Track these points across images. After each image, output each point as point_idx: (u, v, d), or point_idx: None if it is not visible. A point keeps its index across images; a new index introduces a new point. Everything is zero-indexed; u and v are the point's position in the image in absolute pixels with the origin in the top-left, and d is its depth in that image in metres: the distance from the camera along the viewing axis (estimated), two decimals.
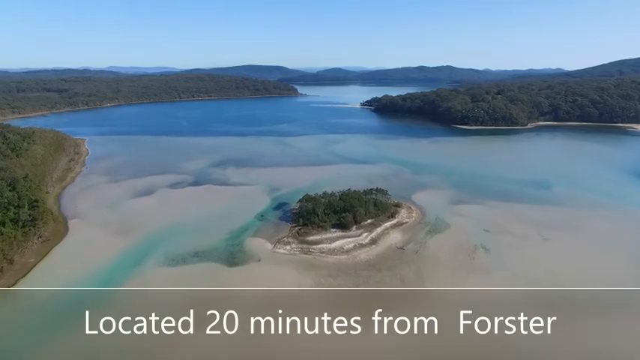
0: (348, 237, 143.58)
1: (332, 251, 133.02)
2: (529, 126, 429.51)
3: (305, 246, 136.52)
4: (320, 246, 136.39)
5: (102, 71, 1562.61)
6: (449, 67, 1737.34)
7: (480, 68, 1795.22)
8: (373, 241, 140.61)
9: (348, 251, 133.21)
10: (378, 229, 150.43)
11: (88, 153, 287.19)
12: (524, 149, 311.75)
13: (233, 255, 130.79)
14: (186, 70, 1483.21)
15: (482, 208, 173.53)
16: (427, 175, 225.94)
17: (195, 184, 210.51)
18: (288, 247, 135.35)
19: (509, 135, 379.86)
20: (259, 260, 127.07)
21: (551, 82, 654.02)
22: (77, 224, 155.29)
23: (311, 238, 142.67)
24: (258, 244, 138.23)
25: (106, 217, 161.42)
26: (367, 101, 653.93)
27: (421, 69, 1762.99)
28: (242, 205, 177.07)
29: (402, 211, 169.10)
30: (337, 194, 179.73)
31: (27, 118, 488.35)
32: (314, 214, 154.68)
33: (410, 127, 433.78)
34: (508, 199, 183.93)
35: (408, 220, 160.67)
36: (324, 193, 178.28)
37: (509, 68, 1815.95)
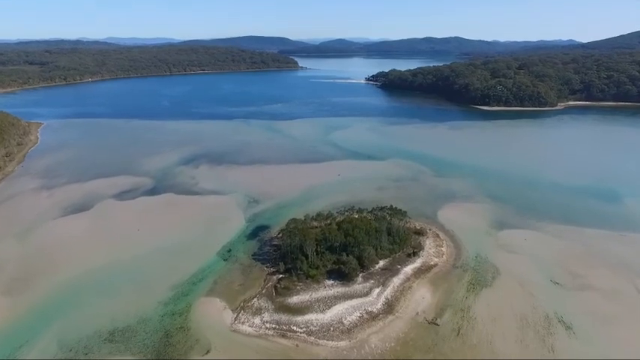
0: (351, 297, 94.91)
1: (325, 330, 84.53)
2: (559, 106, 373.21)
3: (284, 317, 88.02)
4: (307, 318, 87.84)
5: (97, 42, 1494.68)
6: (457, 39, 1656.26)
7: (489, 39, 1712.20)
8: (389, 306, 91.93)
9: (350, 329, 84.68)
10: (395, 280, 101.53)
11: (36, 143, 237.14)
12: (564, 139, 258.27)
13: (168, 337, 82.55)
14: (186, 41, 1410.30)
15: (540, 238, 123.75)
16: (454, 177, 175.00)
17: (152, 192, 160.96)
18: (257, 321, 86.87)
19: (538, 118, 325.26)
20: (207, 352, 78.84)
21: (574, 55, 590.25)
22: None
23: (295, 299, 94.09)
24: (211, 313, 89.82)
25: (5, 256, 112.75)
26: (373, 76, 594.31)
27: (428, 40, 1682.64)
28: (205, 229, 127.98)
29: (427, 242, 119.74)
30: (335, 215, 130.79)
31: None
32: (301, 255, 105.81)
33: (423, 107, 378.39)
34: (571, 221, 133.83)
35: (436, 259, 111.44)
36: (318, 215, 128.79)
37: (519, 39, 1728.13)
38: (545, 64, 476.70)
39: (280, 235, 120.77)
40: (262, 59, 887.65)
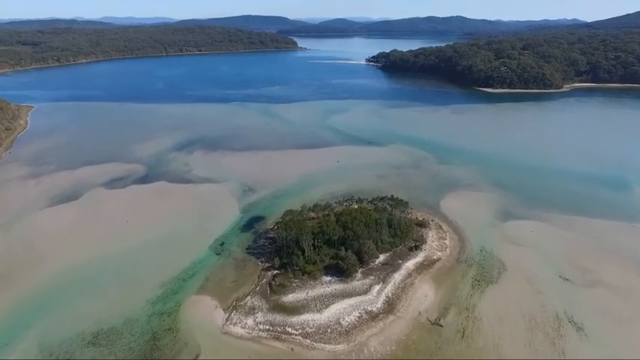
0: (350, 295, 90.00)
1: (322, 331, 79.80)
2: (564, 88, 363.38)
3: (279, 317, 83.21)
4: (303, 318, 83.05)
5: (92, 22, 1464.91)
6: (459, 18, 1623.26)
7: (492, 19, 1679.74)
8: (389, 305, 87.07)
9: (348, 331, 79.97)
10: (396, 276, 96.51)
11: (25, 127, 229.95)
12: (570, 123, 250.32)
13: (155, 340, 77.89)
14: (183, 21, 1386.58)
15: (547, 229, 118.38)
16: (457, 165, 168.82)
17: (143, 180, 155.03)
18: (250, 322, 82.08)
19: (542, 100, 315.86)
20: (197, 356, 74.16)
21: (580, 35, 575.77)
22: None
23: (290, 297, 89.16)
24: (202, 313, 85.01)
25: None
26: (373, 57, 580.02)
27: (430, 19, 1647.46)
28: (197, 221, 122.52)
29: (430, 234, 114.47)
30: (334, 205, 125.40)
31: None
32: (297, 249, 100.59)
33: (424, 90, 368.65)
34: (580, 211, 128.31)
35: (440, 253, 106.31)
36: (315, 206, 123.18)
37: (522, 19, 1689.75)
38: (551, 45, 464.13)
39: (276, 227, 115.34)
40: (260, 39, 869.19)
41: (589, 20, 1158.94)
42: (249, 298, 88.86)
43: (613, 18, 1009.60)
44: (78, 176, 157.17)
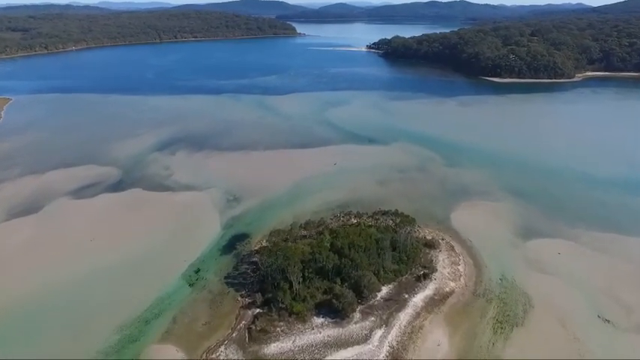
0: (346, 344, 73.86)
1: None
2: (576, 78, 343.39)
3: None
4: None
5: (88, 7, 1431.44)
6: (462, 2, 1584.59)
7: (495, 3, 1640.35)
8: (394, 359, 71.03)
9: None
10: (402, 316, 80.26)
11: None
12: (588, 117, 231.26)
13: None
14: (180, 6, 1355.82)
15: (576, 250, 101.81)
16: (467, 168, 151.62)
17: (116, 187, 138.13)
18: None
19: (554, 91, 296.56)
20: None
21: (590, 20, 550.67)
22: None
23: (273, 347, 73.09)
24: None
25: None
26: (374, 43, 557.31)
27: (432, 4, 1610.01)
28: (171, 240, 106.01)
29: (441, 258, 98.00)
30: (329, 221, 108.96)
31: None
32: (284, 281, 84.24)
33: (428, 79, 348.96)
34: (610, 226, 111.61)
35: (453, 284, 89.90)
36: (307, 223, 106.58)
37: (526, 3, 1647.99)
38: (560, 31, 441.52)
39: (260, 249, 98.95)
40: (258, 25, 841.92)
41: (595, 4, 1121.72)
42: (222, 348, 72.81)
43: (619, 2, 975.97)
44: (44, 182, 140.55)
